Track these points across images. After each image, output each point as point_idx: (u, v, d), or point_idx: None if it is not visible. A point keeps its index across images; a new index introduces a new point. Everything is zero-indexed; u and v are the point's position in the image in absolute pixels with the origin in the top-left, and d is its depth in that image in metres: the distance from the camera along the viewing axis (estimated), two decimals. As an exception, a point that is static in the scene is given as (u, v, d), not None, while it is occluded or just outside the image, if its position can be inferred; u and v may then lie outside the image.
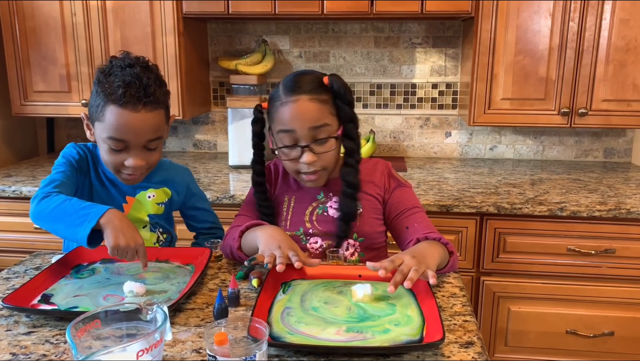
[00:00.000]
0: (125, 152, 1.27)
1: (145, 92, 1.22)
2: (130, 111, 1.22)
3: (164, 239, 1.50)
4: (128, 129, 1.23)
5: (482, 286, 2.01)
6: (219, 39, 2.61)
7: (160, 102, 1.27)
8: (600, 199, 1.94)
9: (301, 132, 1.26)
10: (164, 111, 1.30)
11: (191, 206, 1.57)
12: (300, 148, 1.27)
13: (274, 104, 1.30)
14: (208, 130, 2.73)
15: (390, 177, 1.42)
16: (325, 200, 1.39)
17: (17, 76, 2.34)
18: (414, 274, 1.04)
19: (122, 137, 1.25)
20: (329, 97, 1.28)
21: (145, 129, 1.25)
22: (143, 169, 1.32)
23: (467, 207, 1.91)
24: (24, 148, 2.68)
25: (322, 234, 1.37)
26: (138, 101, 1.21)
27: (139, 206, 1.43)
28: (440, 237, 1.26)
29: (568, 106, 2.17)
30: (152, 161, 1.32)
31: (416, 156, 2.67)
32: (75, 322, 0.82)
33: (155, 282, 1.19)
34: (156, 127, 1.28)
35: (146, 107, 1.23)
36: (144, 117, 1.24)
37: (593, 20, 2.09)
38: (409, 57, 2.56)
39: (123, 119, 1.22)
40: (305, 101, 1.25)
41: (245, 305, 1.10)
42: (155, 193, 1.45)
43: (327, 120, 1.27)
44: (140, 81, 1.22)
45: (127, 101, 1.21)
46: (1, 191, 2.09)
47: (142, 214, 1.44)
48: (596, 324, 1.98)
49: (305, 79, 1.29)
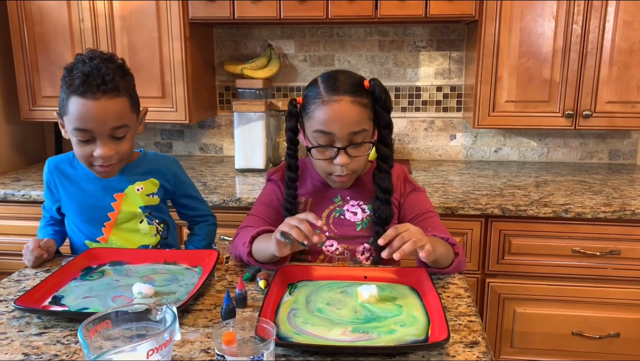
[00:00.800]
0: (93, 143, 1.30)
1: (104, 80, 1.25)
2: (90, 100, 1.25)
3: (162, 228, 1.53)
4: (90, 117, 1.26)
5: (488, 287, 2.02)
6: (225, 44, 2.64)
7: (120, 90, 1.29)
8: (605, 201, 1.94)
9: (340, 135, 1.25)
10: (127, 100, 1.32)
11: (182, 194, 1.58)
12: (335, 149, 1.27)
13: (313, 101, 1.28)
14: (214, 134, 2.76)
15: (405, 181, 1.43)
16: (342, 203, 1.40)
17: (25, 81, 2.36)
18: (410, 246, 1.06)
19: (85, 126, 1.28)
20: (369, 101, 1.28)
21: (107, 117, 1.27)
22: (113, 160, 1.34)
23: (472, 209, 1.92)
24: (32, 153, 2.71)
25: (338, 237, 1.38)
26: (97, 90, 1.25)
27: (128, 200, 1.46)
28: (448, 237, 1.26)
29: (572, 108, 2.18)
30: (121, 150, 1.34)
31: (421, 158, 2.68)
32: (87, 322, 0.84)
33: (163, 284, 1.20)
34: (119, 115, 1.29)
35: (106, 95, 1.26)
36: (104, 104, 1.26)
37: (597, 22, 2.09)
38: (414, 60, 2.57)
39: (84, 108, 1.26)
40: (347, 102, 1.25)
41: (253, 306, 1.12)
42: (143, 185, 1.47)
43: (365, 125, 1.27)
44: (99, 71, 1.26)
45: (85, 90, 1.25)
46: (11, 195, 2.11)
47: (134, 207, 1.46)
48: (602, 325, 1.98)
49: (347, 79, 1.28)
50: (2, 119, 2.49)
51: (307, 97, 1.31)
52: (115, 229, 1.46)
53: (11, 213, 2.16)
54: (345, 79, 1.28)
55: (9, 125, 2.53)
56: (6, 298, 1.17)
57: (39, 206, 2.09)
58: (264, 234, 1.28)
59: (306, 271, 1.24)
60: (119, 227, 1.47)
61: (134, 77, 1.38)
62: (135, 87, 1.38)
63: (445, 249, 1.22)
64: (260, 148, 2.38)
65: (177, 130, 2.76)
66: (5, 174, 2.42)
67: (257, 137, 2.37)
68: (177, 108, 2.32)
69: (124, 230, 1.47)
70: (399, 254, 1.06)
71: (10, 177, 2.33)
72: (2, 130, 2.50)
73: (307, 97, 1.31)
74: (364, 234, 1.38)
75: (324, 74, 1.33)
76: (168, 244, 1.55)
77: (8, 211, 2.16)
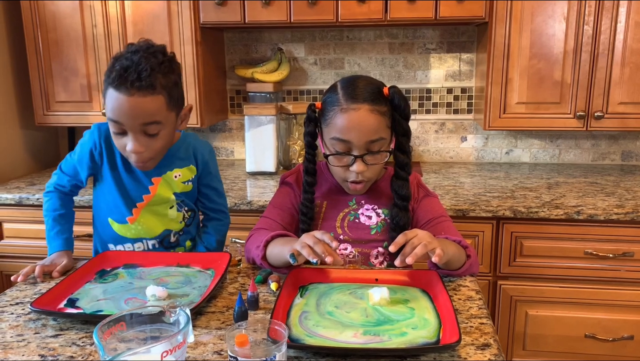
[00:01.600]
0: (126, 136, 1.29)
1: (139, 77, 1.23)
2: (123, 94, 1.24)
3: (189, 216, 1.53)
4: (121, 112, 1.25)
5: (499, 290, 2.01)
6: (236, 48, 2.65)
7: (156, 88, 1.26)
8: (617, 202, 1.93)
9: (357, 143, 1.26)
10: (164, 97, 1.28)
11: (206, 183, 1.55)
12: (352, 157, 1.27)
13: (331, 107, 1.28)
14: (225, 137, 2.77)
15: (419, 187, 1.43)
16: (357, 207, 1.40)
17: (40, 87, 2.40)
18: (421, 250, 1.07)
19: (116, 119, 1.27)
20: (388, 109, 1.28)
21: (138, 113, 1.25)
22: (145, 156, 1.32)
23: (483, 211, 1.92)
24: (46, 157, 2.75)
25: (352, 240, 1.38)
26: (131, 86, 1.23)
27: (165, 186, 1.45)
28: (460, 240, 1.26)
29: (584, 109, 2.17)
30: (154, 147, 1.32)
31: (432, 160, 2.68)
32: (102, 324, 0.85)
33: (176, 286, 1.22)
34: (151, 113, 1.27)
35: (140, 92, 1.24)
36: (137, 101, 1.24)
37: (608, 23, 2.08)
38: (424, 62, 2.58)
39: (117, 102, 1.24)
40: (366, 111, 1.25)
41: (265, 308, 1.12)
42: (181, 173, 1.47)
43: (383, 134, 1.27)
44: (138, 66, 1.23)
45: (120, 84, 1.23)
46: (25, 198, 2.14)
47: (169, 194, 1.46)
48: (615, 328, 1.97)
49: (367, 86, 1.28)
50: (16, 124, 2.53)
51: (325, 102, 1.31)
52: (145, 211, 1.46)
53: (26, 216, 2.19)
54: (364, 86, 1.28)
55: (23, 130, 2.56)
56: (22, 301, 1.19)
57: (53, 210, 2.13)
58: (278, 239, 1.28)
59: (317, 274, 1.24)
60: (148, 209, 1.46)
61: (180, 74, 1.36)
62: (179, 85, 1.35)
63: (456, 251, 1.22)
64: (271, 151, 2.40)
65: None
66: (20, 178, 2.46)
67: (268, 140, 2.38)
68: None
69: (153, 213, 1.47)
70: (411, 258, 1.06)
71: (25, 182, 2.37)
72: (17, 135, 2.54)
73: (326, 103, 1.31)
74: (378, 238, 1.38)
75: (343, 79, 1.33)
76: (189, 231, 1.55)
77: (23, 214, 2.19)
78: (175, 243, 1.52)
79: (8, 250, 2.25)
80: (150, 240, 1.49)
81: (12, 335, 1.04)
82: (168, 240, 1.50)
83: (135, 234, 1.48)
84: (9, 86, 2.48)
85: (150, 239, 1.49)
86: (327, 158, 1.32)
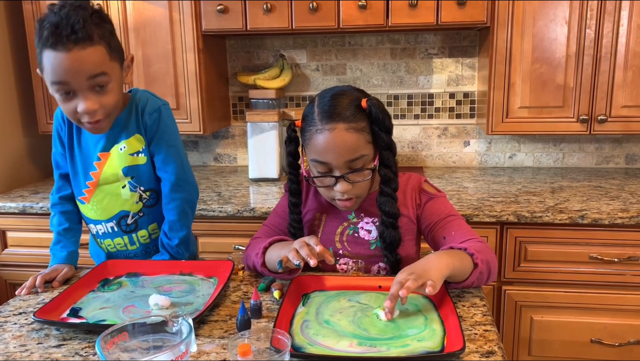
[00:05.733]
0: (75, 97, 1.23)
1: (73, 30, 1.16)
2: (61, 52, 1.17)
3: (147, 197, 1.44)
4: (63, 70, 1.19)
5: (504, 295, 2.00)
6: (238, 55, 2.66)
7: (94, 39, 1.20)
8: (622, 206, 1.92)
9: (337, 164, 1.21)
10: (104, 47, 1.22)
11: (155, 151, 1.40)
12: (334, 178, 1.23)
13: (308, 128, 1.24)
14: (228, 144, 2.78)
15: (421, 192, 1.36)
16: (357, 221, 1.36)
17: (43, 96, 2.41)
18: (412, 283, 1.02)
19: (60, 79, 1.20)
20: (366, 124, 1.22)
21: (81, 68, 1.19)
22: (99, 114, 1.25)
23: (487, 216, 1.91)
24: (49, 166, 2.72)
25: (352, 255, 1.36)
26: (67, 40, 1.16)
27: (112, 162, 1.38)
28: (466, 247, 1.19)
29: (587, 113, 2.16)
30: (106, 103, 1.25)
31: (435, 165, 2.68)
32: (104, 335, 0.85)
33: (180, 295, 1.22)
34: (95, 64, 1.21)
35: (78, 45, 1.17)
36: (77, 55, 1.18)
37: (610, 26, 2.08)
38: (426, 67, 2.58)
39: (57, 61, 1.18)
40: (341, 130, 1.19)
41: (268, 317, 1.12)
42: (126, 144, 1.38)
43: (363, 151, 1.22)
44: (68, 20, 1.17)
45: (55, 41, 1.17)
46: (29, 207, 2.15)
47: (117, 170, 1.38)
48: (621, 333, 1.96)
49: (343, 103, 1.22)
50: (20, 133, 2.54)
51: (304, 120, 1.28)
52: (98, 191, 1.41)
53: (29, 225, 2.19)
54: (341, 103, 1.22)
55: (26, 139, 2.57)
56: (25, 310, 1.19)
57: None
58: (277, 244, 1.28)
59: (320, 282, 1.24)
60: (101, 189, 1.41)
61: (112, 23, 1.28)
62: (114, 34, 1.28)
63: (456, 264, 1.14)
64: (274, 158, 2.40)
65: (191, 141, 2.79)
66: (24, 186, 2.46)
67: (271, 146, 2.38)
68: (191, 119, 2.34)
69: (105, 193, 1.41)
70: (405, 291, 1.01)
71: (28, 190, 2.37)
72: (20, 143, 2.54)
73: (304, 121, 1.27)
74: (377, 253, 1.35)
75: (321, 95, 1.27)
76: (151, 213, 1.44)
77: (26, 223, 2.19)
78: (133, 226, 1.45)
79: (11, 259, 2.25)
80: (107, 222, 1.44)
81: (15, 345, 1.04)
82: (125, 222, 1.43)
83: (94, 215, 1.44)
84: (13, 95, 2.49)
85: (107, 221, 1.43)
86: (309, 181, 1.29)
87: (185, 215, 1.44)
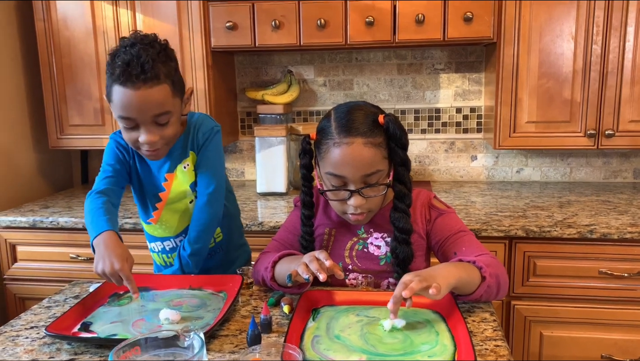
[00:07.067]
0: (137, 129, 1.30)
1: (143, 69, 1.24)
2: (130, 89, 1.25)
3: None
4: (132, 107, 1.26)
5: (513, 310, 1.99)
6: (246, 71, 2.69)
7: (161, 78, 1.27)
8: (631, 221, 1.92)
9: (352, 178, 1.21)
10: (168, 86, 1.30)
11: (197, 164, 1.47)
12: (349, 192, 1.23)
13: (325, 141, 1.24)
14: (236, 158, 2.79)
15: (430, 208, 1.36)
16: (366, 236, 1.36)
17: (53, 111, 2.44)
18: (416, 284, 1.02)
19: (128, 115, 1.28)
20: (383, 140, 1.23)
21: (148, 106, 1.27)
22: (158, 145, 1.33)
23: (495, 231, 1.91)
24: (59, 180, 2.78)
25: (361, 270, 1.35)
26: (137, 79, 1.24)
27: (178, 180, 1.46)
28: (475, 260, 1.19)
29: (594, 127, 2.17)
30: (166, 135, 1.33)
31: (442, 180, 2.68)
32: (117, 349, 0.85)
33: (190, 309, 1.22)
34: (160, 103, 1.28)
35: (146, 84, 1.25)
36: (144, 93, 1.25)
37: (616, 42, 2.09)
38: (432, 82, 2.59)
39: (126, 98, 1.25)
40: (359, 145, 1.20)
41: (278, 331, 1.12)
42: (189, 162, 1.46)
43: (379, 166, 1.22)
44: (139, 59, 1.24)
45: (126, 79, 1.24)
46: (39, 221, 2.16)
47: (185, 186, 1.46)
48: (633, 348, 1.94)
49: (360, 118, 1.23)
50: (30, 148, 2.56)
51: (320, 133, 1.28)
52: (165, 210, 1.49)
53: (39, 239, 2.21)
54: (358, 117, 1.23)
55: (37, 154, 2.60)
56: (37, 325, 1.20)
57: (67, 233, 2.15)
58: (286, 258, 1.28)
59: (330, 296, 1.24)
60: (168, 208, 1.48)
61: (176, 59, 1.37)
62: (178, 70, 1.37)
63: (462, 275, 1.14)
64: (282, 172, 2.41)
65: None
66: (34, 201, 2.48)
67: (279, 161, 2.40)
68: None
69: (173, 211, 1.49)
70: (408, 292, 1.02)
71: (38, 205, 2.39)
72: (31, 158, 2.57)
73: (320, 134, 1.28)
74: (387, 269, 1.34)
75: (338, 109, 1.27)
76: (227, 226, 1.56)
77: (36, 237, 2.21)
78: None
79: (22, 273, 2.26)
80: (175, 238, 1.52)
81: (27, 359, 1.04)
82: None
83: (161, 233, 1.51)
84: (24, 110, 2.53)
85: (176, 237, 1.52)
86: (323, 194, 1.29)
87: (208, 231, 1.48)
